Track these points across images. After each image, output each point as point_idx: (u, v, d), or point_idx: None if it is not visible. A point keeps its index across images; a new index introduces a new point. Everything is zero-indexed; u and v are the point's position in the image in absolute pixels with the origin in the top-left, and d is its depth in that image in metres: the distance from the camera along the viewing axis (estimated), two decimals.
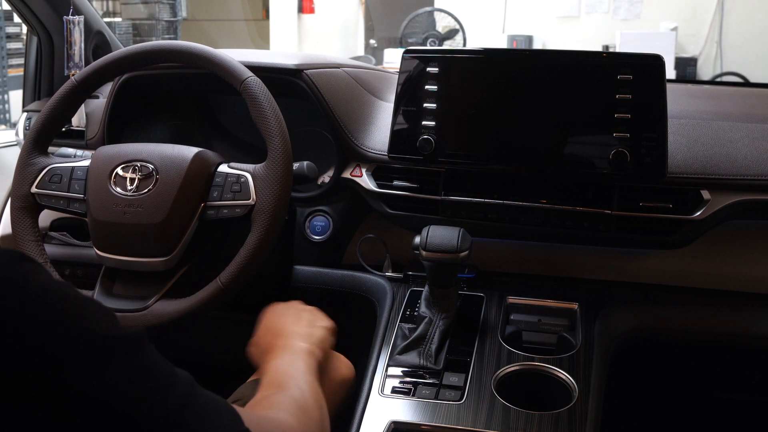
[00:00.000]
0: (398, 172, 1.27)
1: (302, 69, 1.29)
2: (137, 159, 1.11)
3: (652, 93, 1.12)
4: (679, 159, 1.17)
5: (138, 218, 1.07)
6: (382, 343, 1.12)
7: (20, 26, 4.03)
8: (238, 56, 1.17)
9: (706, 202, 1.14)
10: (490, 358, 1.06)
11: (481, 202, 1.21)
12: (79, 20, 1.54)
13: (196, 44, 1.15)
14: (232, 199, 1.09)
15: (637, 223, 1.16)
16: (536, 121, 1.17)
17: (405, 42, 5.61)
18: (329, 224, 1.37)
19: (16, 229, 1.14)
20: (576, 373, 1.03)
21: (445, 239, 1.09)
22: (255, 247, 1.04)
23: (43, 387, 0.44)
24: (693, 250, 1.23)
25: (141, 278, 1.10)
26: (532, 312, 1.19)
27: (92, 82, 1.18)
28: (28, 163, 1.16)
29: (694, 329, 1.22)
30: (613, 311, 1.18)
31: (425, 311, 1.13)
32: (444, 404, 0.98)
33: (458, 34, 5.63)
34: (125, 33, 5.32)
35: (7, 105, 4.02)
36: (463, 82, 1.20)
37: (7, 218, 1.42)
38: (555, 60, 1.18)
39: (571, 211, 1.18)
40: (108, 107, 1.40)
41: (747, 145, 1.19)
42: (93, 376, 0.47)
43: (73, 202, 1.14)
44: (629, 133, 1.12)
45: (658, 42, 5.10)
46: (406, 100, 1.23)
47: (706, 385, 1.53)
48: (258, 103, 1.09)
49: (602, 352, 1.09)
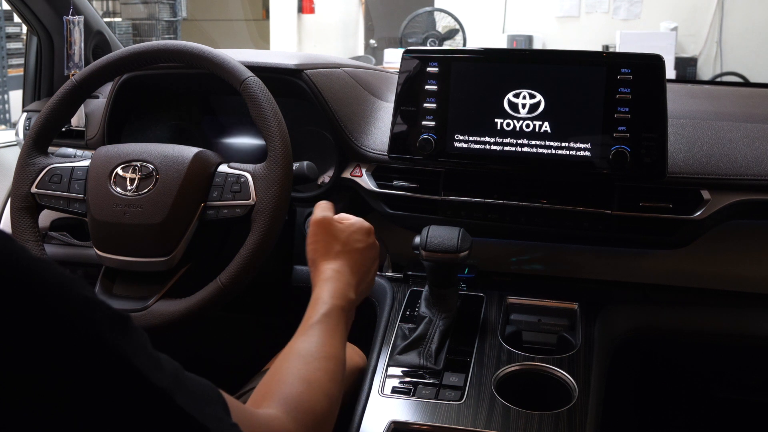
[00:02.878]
0: (398, 172, 1.27)
1: (302, 69, 1.29)
2: (137, 159, 1.11)
3: (652, 93, 1.12)
4: (679, 159, 1.17)
5: (138, 218, 1.07)
6: (382, 343, 1.12)
7: (20, 26, 4.03)
8: (238, 56, 1.17)
9: (706, 202, 1.14)
10: (490, 358, 1.06)
11: (481, 202, 1.21)
12: (79, 20, 1.55)
13: (195, 44, 1.15)
14: (232, 199, 1.09)
15: (637, 223, 1.16)
16: (536, 121, 1.17)
17: (405, 42, 5.62)
18: None
19: (16, 229, 1.14)
20: (576, 373, 1.03)
21: (445, 239, 1.09)
22: (255, 247, 1.04)
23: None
24: (693, 250, 1.23)
25: (141, 278, 1.10)
26: (532, 312, 1.19)
27: (92, 82, 1.18)
28: (28, 163, 1.16)
29: (694, 329, 1.22)
30: (613, 311, 1.18)
31: (425, 311, 1.13)
32: (444, 404, 0.98)
33: (458, 34, 5.63)
34: (125, 33, 5.33)
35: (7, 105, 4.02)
36: (463, 82, 1.20)
37: (7, 218, 1.42)
38: (555, 60, 1.18)
39: (571, 211, 1.18)
40: (108, 107, 1.40)
41: (747, 145, 1.19)
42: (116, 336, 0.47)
43: (73, 202, 1.14)
44: (629, 133, 1.12)
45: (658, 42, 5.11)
46: (406, 100, 1.23)
47: (706, 384, 1.53)
48: (258, 103, 1.09)
49: (602, 352, 1.09)
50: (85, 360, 0.45)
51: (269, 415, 0.69)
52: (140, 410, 0.47)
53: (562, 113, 1.16)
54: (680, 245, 1.21)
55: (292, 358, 0.79)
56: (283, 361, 0.79)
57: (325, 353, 0.81)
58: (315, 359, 0.80)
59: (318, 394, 0.76)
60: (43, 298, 0.44)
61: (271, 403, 0.72)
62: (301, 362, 0.79)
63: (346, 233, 0.98)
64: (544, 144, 1.17)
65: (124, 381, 0.47)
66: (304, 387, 0.75)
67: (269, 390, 0.74)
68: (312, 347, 0.81)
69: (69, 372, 0.44)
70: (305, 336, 0.83)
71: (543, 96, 1.16)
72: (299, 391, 0.74)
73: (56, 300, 0.45)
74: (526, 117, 1.17)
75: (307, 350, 0.81)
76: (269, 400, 0.72)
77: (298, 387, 0.74)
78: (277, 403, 0.71)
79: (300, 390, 0.74)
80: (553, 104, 1.16)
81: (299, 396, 0.73)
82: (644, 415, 1.54)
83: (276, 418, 0.69)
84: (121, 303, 1.08)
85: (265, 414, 0.68)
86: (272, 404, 0.71)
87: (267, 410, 0.70)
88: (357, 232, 0.99)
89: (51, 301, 0.44)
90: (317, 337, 0.83)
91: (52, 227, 1.39)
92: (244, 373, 1.13)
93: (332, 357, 0.82)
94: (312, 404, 0.74)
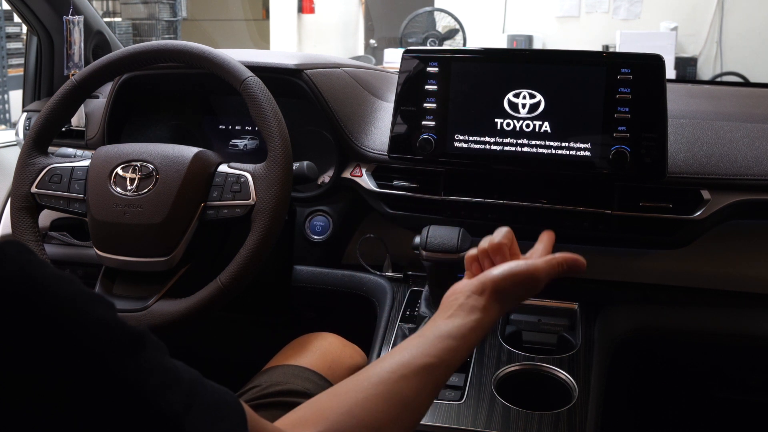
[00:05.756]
0: (398, 172, 1.27)
1: (302, 69, 1.29)
2: (137, 159, 1.11)
3: (652, 93, 1.12)
4: (679, 159, 1.17)
5: (138, 218, 1.07)
6: (382, 343, 1.12)
7: (20, 26, 4.03)
8: (238, 56, 1.17)
9: (706, 202, 1.14)
10: (490, 358, 1.06)
11: (481, 202, 1.21)
12: (79, 20, 1.55)
13: (195, 44, 1.15)
14: (232, 199, 1.09)
15: (637, 223, 1.16)
16: (536, 121, 1.17)
17: (405, 42, 5.62)
18: (329, 224, 1.37)
19: (16, 229, 1.14)
20: (576, 373, 1.03)
21: (445, 239, 1.09)
22: (255, 247, 1.04)
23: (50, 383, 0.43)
24: (693, 250, 1.23)
25: (141, 278, 1.10)
26: (532, 312, 1.19)
27: (92, 82, 1.18)
28: (28, 163, 1.16)
29: (694, 329, 1.22)
30: (613, 311, 1.18)
31: (425, 311, 1.13)
32: (444, 404, 0.98)
33: (458, 34, 5.63)
34: (125, 33, 5.32)
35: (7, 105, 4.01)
36: (463, 82, 1.20)
37: (7, 218, 1.42)
38: (555, 60, 1.18)
39: (571, 211, 1.18)
40: (108, 107, 1.40)
41: (747, 145, 1.19)
42: (123, 362, 0.45)
43: (73, 202, 1.14)
44: (629, 133, 1.12)
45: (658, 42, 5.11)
46: (406, 100, 1.23)
47: (705, 384, 1.53)
48: (258, 103, 1.09)
49: (602, 352, 1.09)
50: (90, 384, 0.44)
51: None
52: None
53: (562, 113, 1.16)
54: (680, 245, 1.21)
55: (379, 391, 0.64)
56: (363, 387, 0.65)
57: (416, 406, 0.67)
58: (402, 408, 0.65)
59: None
60: (53, 318, 0.43)
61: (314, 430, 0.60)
62: (384, 405, 0.64)
63: (530, 296, 0.82)
64: (544, 144, 1.16)
65: (129, 406, 0.46)
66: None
67: (323, 415, 0.61)
68: (409, 393, 0.66)
69: (72, 393, 0.43)
70: (412, 377, 0.67)
71: (543, 96, 1.16)
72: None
73: (67, 321, 0.44)
74: (526, 117, 1.17)
75: (401, 395, 0.65)
76: (316, 426, 0.60)
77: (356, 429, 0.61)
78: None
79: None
80: (553, 104, 1.16)
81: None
82: (644, 415, 1.54)
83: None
84: (121, 303, 1.08)
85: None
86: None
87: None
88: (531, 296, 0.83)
89: (62, 322, 0.44)
90: (420, 386, 0.67)
91: (52, 227, 1.39)
92: (244, 372, 1.13)
93: (419, 413, 0.67)
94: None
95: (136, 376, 0.46)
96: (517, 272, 0.79)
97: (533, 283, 0.80)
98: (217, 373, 0.72)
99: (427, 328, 0.73)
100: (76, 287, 0.45)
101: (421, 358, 0.69)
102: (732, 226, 1.21)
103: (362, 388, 0.65)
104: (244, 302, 1.13)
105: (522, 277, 0.79)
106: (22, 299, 0.42)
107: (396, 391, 0.65)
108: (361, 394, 0.64)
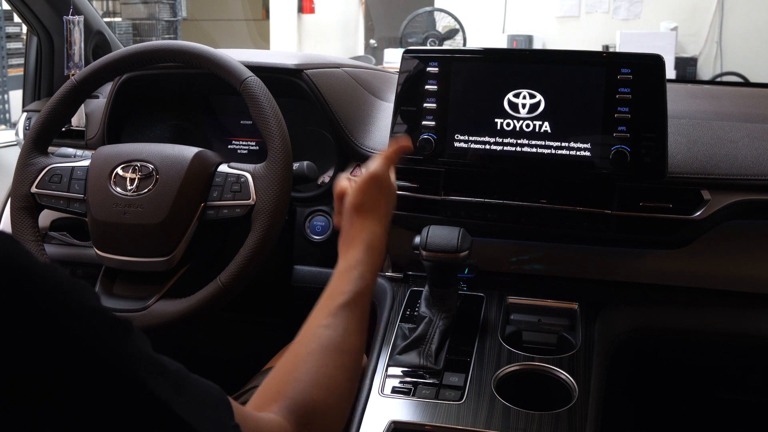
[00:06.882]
0: (398, 172, 1.27)
1: (302, 69, 1.29)
2: (137, 159, 1.11)
3: (652, 93, 1.12)
4: (679, 159, 1.17)
5: (138, 218, 1.07)
6: (382, 343, 1.12)
7: (20, 26, 4.03)
8: (238, 56, 1.17)
9: (706, 202, 1.14)
10: (490, 358, 1.06)
11: (481, 202, 1.21)
12: (79, 20, 1.55)
13: (195, 44, 1.15)
14: (232, 199, 1.09)
15: (637, 223, 1.16)
16: (536, 121, 1.17)
17: (405, 42, 5.62)
18: (329, 224, 1.37)
19: (16, 229, 1.14)
20: (576, 373, 1.03)
21: (445, 239, 1.09)
22: (255, 247, 1.04)
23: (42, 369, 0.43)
24: (693, 250, 1.23)
25: (141, 278, 1.10)
26: (532, 312, 1.19)
27: (92, 82, 1.18)
28: (28, 163, 1.16)
29: (694, 329, 1.22)
30: (613, 311, 1.18)
31: (425, 311, 1.13)
32: (444, 404, 0.98)
33: (458, 34, 5.63)
34: (125, 33, 5.32)
35: (7, 105, 4.02)
36: (463, 82, 1.20)
37: (7, 218, 1.42)
38: (555, 60, 1.18)
39: (571, 211, 1.18)
40: (108, 107, 1.40)
41: (747, 145, 1.19)
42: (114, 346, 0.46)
43: (73, 202, 1.14)
44: (629, 133, 1.12)
45: (658, 42, 5.11)
46: (406, 100, 1.23)
47: (705, 384, 1.53)
48: (258, 103, 1.09)
49: (602, 352, 1.09)
50: (81, 368, 0.45)
51: (272, 421, 0.63)
52: (136, 419, 0.47)
53: (562, 113, 1.16)
54: (680, 245, 1.21)
55: (311, 348, 0.71)
56: (299, 352, 0.71)
57: (350, 346, 0.74)
58: (338, 353, 0.72)
59: (333, 399, 0.69)
60: (42, 304, 0.44)
61: (279, 407, 0.65)
62: (320, 356, 0.70)
63: (393, 197, 0.91)
64: (544, 144, 1.16)
65: (120, 390, 0.46)
66: (318, 391, 0.68)
67: (280, 390, 0.67)
68: (337, 337, 0.73)
69: (63, 379, 0.44)
70: (332, 319, 0.75)
71: (543, 96, 1.16)
72: (312, 397, 0.67)
73: (56, 306, 0.44)
74: (526, 117, 1.17)
75: (331, 340, 0.72)
76: (278, 402, 0.66)
77: (311, 391, 0.67)
78: (285, 409, 0.65)
79: (314, 395, 0.67)
80: (553, 104, 1.16)
81: (312, 404, 0.67)
82: (644, 414, 1.54)
83: (280, 427, 0.63)
84: (121, 303, 1.08)
85: (267, 421, 0.63)
86: (280, 409, 0.65)
87: (270, 415, 0.64)
88: (395, 199, 0.92)
89: (50, 307, 0.44)
90: (345, 324, 0.75)
91: (52, 227, 1.39)
92: (244, 372, 1.13)
93: (355, 351, 0.74)
94: (323, 411, 0.67)
95: (124, 361, 0.47)
96: (360, 184, 0.88)
97: (379, 182, 0.89)
98: (217, 373, 0.72)
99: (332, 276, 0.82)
100: (61, 274, 0.46)
101: (334, 299, 0.77)
102: (732, 226, 1.21)
103: (299, 351, 0.72)
104: (243, 302, 1.13)
105: (366, 184, 0.88)
106: (9, 285, 0.42)
107: (326, 337, 0.73)
108: (300, 357, 0.71)
